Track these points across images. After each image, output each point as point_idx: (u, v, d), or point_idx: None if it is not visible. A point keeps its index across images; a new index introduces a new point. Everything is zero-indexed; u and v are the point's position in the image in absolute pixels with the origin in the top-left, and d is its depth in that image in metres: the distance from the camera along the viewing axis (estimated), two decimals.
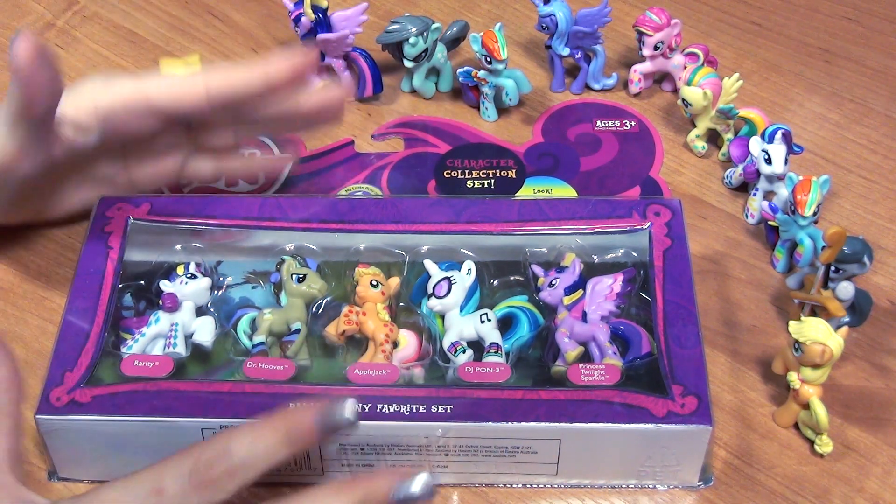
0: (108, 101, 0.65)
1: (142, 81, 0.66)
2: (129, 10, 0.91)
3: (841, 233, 0.61)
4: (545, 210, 0.67)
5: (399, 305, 0.66)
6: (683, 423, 0.57)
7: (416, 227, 0.67)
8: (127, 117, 0.66)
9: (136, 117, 0.66)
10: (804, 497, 0.61)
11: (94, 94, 0.65)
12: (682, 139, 0.80)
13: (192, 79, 0.66)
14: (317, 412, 0.52)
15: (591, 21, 0.80)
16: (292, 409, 0.53)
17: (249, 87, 0.66)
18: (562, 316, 0.63)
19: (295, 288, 0.65)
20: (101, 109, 0.65)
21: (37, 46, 0.59)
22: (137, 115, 0.66)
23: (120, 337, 0.63)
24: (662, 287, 0.63)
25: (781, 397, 0.64)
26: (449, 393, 0.59)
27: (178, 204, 0.68)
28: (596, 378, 0.60)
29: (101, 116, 0.65)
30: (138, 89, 0.66)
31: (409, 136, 0.81)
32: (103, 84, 0.66)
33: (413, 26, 0.79)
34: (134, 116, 0.66)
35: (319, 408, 0.52)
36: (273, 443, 0.51)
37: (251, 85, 0.66)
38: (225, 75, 0.66)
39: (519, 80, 0.79)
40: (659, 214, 0.66)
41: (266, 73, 0.66)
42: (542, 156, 0.79)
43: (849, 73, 0.85)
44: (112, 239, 0.66)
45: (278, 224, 0.67)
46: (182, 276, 0.65)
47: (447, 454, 0.59)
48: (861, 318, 0.68)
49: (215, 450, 0.51)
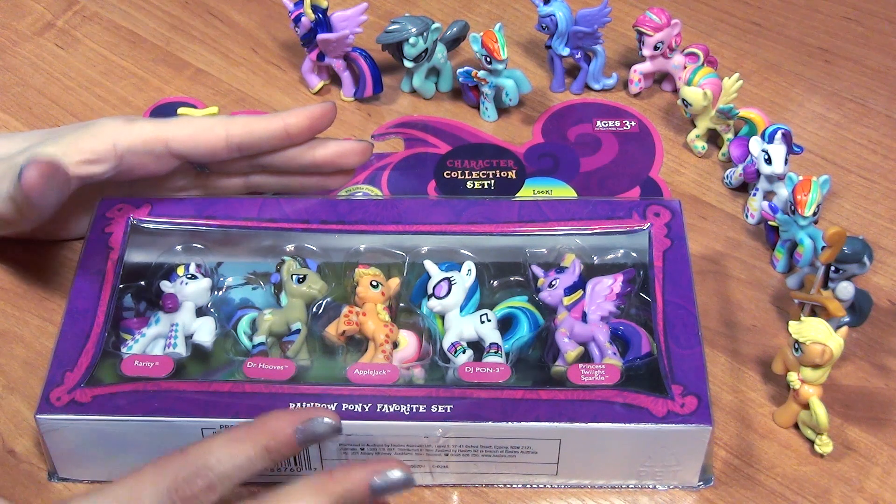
0: (127, 142, 0.65)
1: (162, 124, 0.67)
2: (129, 10, 0.91)
3: (841, 233, 0.61)
4: (545, 211, 0.67)
5: (399, 306, 0.66)
6: (683, 422, 0.57)
7: (416, 228, 0.67)
8: (144, 158, 0.66)
9: (154, 158, 0.67)
10: (804, 497, 0.61)
11: (114, 133, 0.65)
12: (682, 139, 0.80)
13: (212, 124, 0.67)
14: (297, 422, 0.52)
15: (591, 21, 0.80)
16: (272, 417, 0.53)
17: (269, 136, 0.67)
18: (562, 316, 0.63)
19: (295, 288, 0.65)
20: (119, 149, 0.65)
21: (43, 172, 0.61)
22: (155, 156, 0.67)
23: (120, 337, 0.63)
24: (662, 287, 0.63)
25: (781, 397, 0.64)
26: (449, 393, 0.59)
27: (178, 205, 0.68)
28: (596, 378, 0.60)
29: (118, 155, 0.65)
30: (158, 131, 0.66)
31: (409, 137, 0.81)
32: (124, 124, 0.66)
33: (413, 26, 0.79)
34: (151, 158, 0.67)
35: (299, 417, 0.52)
36: (253, 455, 0.52)
37: (271, 135, 0.67)
38: (245, 123, 0.67)
39: (519, 80, 0.79)
40: (659, 215, 0.66)
41: (286, 124, 0.67)
42: (541, 156, 0.79)
43: (849, 73, 0.85)
44: (112, 239, 0.66)
45: (279, 225, 0.67)
46: (182, 277, 0.65)
47: (447, 454, 0.59)
48: (861, 318, 0.68)
49: (194, 465, 0.51)
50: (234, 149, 0.67)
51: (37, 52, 0.87)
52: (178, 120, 0.68)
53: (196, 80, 0.85)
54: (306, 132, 0.68)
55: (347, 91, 0.83)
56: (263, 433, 0.52)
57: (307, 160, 0.69)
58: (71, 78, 0.85)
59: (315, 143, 0.69)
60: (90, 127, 0.65)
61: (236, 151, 0.67)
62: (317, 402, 0.58)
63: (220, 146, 0.67)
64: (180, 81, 0.85)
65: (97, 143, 0.65)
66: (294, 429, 0.52)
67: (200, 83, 0.84)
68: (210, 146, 0.67)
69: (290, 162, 0.69)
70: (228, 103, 0.83)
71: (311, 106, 0.68)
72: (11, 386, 0.66)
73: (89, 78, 0.85)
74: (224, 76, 0.85)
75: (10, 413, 0.65)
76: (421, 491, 0.61)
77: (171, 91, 0.84)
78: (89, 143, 0.65)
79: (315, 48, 0.81)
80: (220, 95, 0.84)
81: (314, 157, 0.69)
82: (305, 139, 0.68)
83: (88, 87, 0.84)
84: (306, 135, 0.68)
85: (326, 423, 0.53)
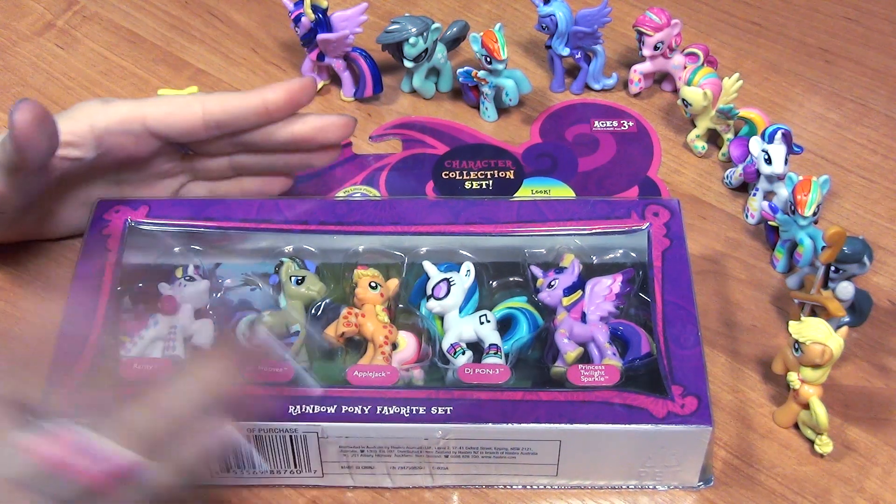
0: (104, 122, 0.65)
1: (139, 103, 0.67)
2: (129, 10, 0.91)
3: (841, 233, 0.61)
4: (544, 211, 0.67)
5: (398, 307, 0.66)
6: (683, 423, 0.57)
7: (414, 229, 0.67)
8: (123, 138, 0.66)
9: (132, 138, 0.66)
10: (804, 497, 0.61)
11: (90, 114, 0.65)
12: (682, 139, 0.80)
13: (188, 101, 0.67)
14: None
15: (590, 21, 0.80)
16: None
17: (246, 112, 0.67)
18: (561, 317, 0.63)
19: (294, 290, 0.65)
20: (96, 129, 0.65)
21: (36, 114, 0.60)
22: (133, 136, 0.66)
23: (119, 340, 0.63)
24: (661, 287, 0.63)
25: (781, 397, 0.64)
26: (449, 394, 0.58)
27: (176, 206, 0.68)
28: (596, 379, 0.59)
29: (96, 136, 0.65)
30: (135, 110, 0.66)
31: (407, 138, 0.81)
32: (100, 105, 0.66)
33: (413, 26, 0.79)
34: (129, 137, 0.66)
35: None
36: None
37: (248, 110, 0.67)
38: (221, 99, 0.67)
39: (519, 80, 0.79)
40: (658, 215, 0.66)
41: (263, 99, 0.66)
42: (540, 156, 0.79)
43: (849, 73, 0.85)
44: (110, 242, 0.66)
45: (276, 226, 0.67)
46: (181, 279, 0.65)
47: (447, 455, 0.59)
48: (861, 318, 0.68)
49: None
50: (212, 126, 0.67)
51: (37, 52, 0.87)
52: (154, 99, 0.68)
53: (196, 80, 0.85)
54: (284, 107, 0.67)
55: (347, 91, 0.83)
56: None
57: (287, 136, 0.68)
58: (71, 78, 0.85)
59: (294, 118, 0.68)
60: (67, 111, 0.65)
61: (215, 129, 0.67)
62: (316, 405, 0.58)
63: (198, 123, 0.66)
64: (180, 81, 0.85)
65: (74, 124, 0.65)
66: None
67: (200, 83, 0.84)
68: (188, 123, 0.66)
69: (270, 138, 0.68)
70: None
71: (289, 80, 0.67)
72: None
73: (89, 78, 0.85)
74: (224, 76, 0.85)
75: None
76: (421, 492, 0.61)
77: None
78: (66, 126, 0.64)
79: (315, 48, 0.81)
80: None
81: (293, 133, 0.68)
82: (284, 115, 0.68)
83: (88, 87, 0.84)
84: (285, 110, 0.67)
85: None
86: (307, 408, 0.58)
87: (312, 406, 0.58)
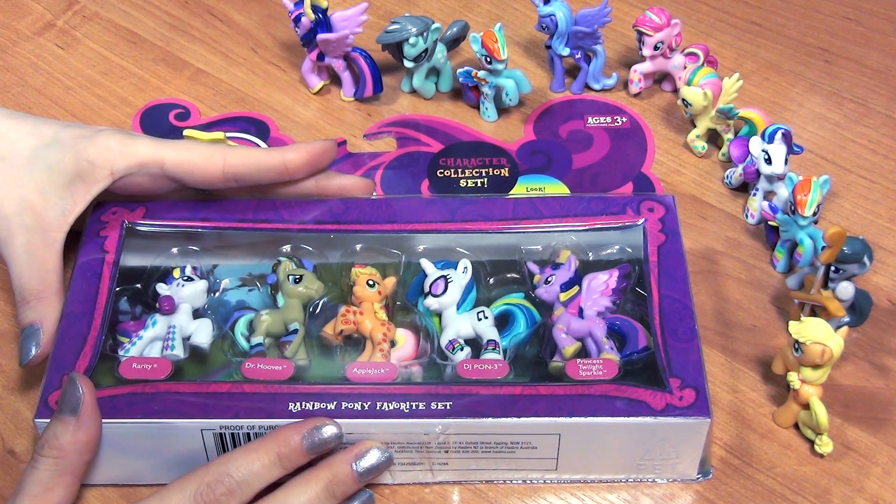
0: (123, 168, 0.66)
1: (159, 145, 0.66)
2: (129, 10, 0.91)
3: (841, 233, 0.61)
4: (539, 208, 0.67)
5: (396, 305, 0.66)
6: (682, 415, 0.57)
7: (411, 227, 0.67)
8: (140, 178, 0.66)
9: (149, 178, 0.67)
10: (804, 497, 0.61)
11: (110, 160, 0.65)
12: (682, 139, 0.80)
13: (211, 153, 0.66)
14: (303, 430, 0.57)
15: (590, 21, 0.80)
16: (283, 428, 0.57)
17: (267, 170, 0.67)
18: (558, 312, 0.63)
19: (292, 289, 0.65)
20: (117, 173, 0.66)
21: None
22: (150, 176, 0.66)
23: (117, 340, 0.63)
24: (658, 282, 0.63)
25: (781, 397, 0.64)
26: (448, 390, 0.58)
27: (172, 207, 0.68)
28: (594, 373, 0.59)
29: (115, 177, 0.66)
30: (154, 153, 0.66)
31: (402, 136, 0.80)
32: (122, 144, 0.66)
33: (413, 26, 0.79)
34: (147, 178, 0.67)
35: (305, 428, 0.57)
36: (267, 463, 0.56)
37: (269, 168, 0.67)
38: (244, 154, 0.67)
39: (519, 80, 0.79)
40: (653, 210, 0.66)
41: (284, 159, 0.67)
42: (534, 153, 0.79)
43: (849, 73, 0.85)
44: (108, 243, 0.66)
45: (274, 225, 0.67)
46: (178, 279, 0.65)
47: (447, 451, 0.59)
48: (861, 318, 0.68)
49: (216, 472, 0.56)
50: (230, 179, 0.66)
51: (37, 52, 0.87)
52: (177, 143, 0.67)
53: (196, 80, 0.85)
54: (305, 169, 0.67)
55: (347, 91, 0.83)
56: (275, 442, 0.57)
57: (308, 191, 0.69)
58: (71, 78, 0.85)
59: (320, 175, 0.69)
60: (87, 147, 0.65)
61: (233, 181, 0.67)
62: (316, 402, 0.58)
63: (217, 175, 0.66)
64: (180, 81, 0.85)
65: (95, 171, 0.65)
66: (301, 436, 0.57)
67: (200, 83, 0.84)
68: (207, 174, 0.66)
69: (290, 194, 0.69)
70: (228, 103, 0.83)
71: (312, 142, 0.68)
72: (11, 386, 0.66)
73: (89, 78, 0.85)
74: (224, 76, 0.85)
75: (9, 413, 0.65)
76: (421, 489, 0.61)
77: (170, 91, 0.84)
78: (87, 169, 0.65)
79: (315, 48, 0.81)
80: (219, 95, 0.84)
81: (316, 188, 0.69)
82: (304, 176, 0.68)
83: (88, 87, 0.84)
84: (305, 171, 0.68)
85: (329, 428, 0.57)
86: (307, 405, 0.58)
87: (312, 403, 0.58)
